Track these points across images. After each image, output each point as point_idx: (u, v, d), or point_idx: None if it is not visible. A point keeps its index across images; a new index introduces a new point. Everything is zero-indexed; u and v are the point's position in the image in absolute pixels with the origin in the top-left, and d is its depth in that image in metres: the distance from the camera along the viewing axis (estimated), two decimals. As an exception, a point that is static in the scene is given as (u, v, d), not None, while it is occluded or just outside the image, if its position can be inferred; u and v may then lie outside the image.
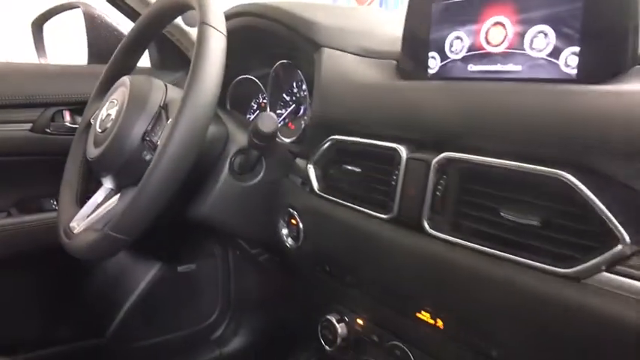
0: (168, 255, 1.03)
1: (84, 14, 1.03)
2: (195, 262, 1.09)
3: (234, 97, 0.88)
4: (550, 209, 0.34)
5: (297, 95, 0.77)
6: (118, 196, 0.59)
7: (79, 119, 0.94)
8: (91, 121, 0.71)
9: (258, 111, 0.87)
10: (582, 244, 0.32)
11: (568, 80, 0.39)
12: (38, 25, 1.11)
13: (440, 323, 0.41)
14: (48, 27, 1.15)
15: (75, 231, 0.59)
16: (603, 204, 0.31)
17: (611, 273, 0.31)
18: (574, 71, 0.39)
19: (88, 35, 1.03)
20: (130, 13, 0.98)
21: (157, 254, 1.00)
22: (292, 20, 0.64)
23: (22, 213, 0.92)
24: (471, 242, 0.38)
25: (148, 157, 0.54)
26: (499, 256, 0.35)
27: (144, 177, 0.48)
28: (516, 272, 0.34)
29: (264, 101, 0.84)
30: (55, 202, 0.94)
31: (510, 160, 0.36)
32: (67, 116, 0.92)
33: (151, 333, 1.03)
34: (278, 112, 0.81)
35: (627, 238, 0.30)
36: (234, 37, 0.56)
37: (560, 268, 0.32)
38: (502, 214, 0.36)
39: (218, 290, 1.12)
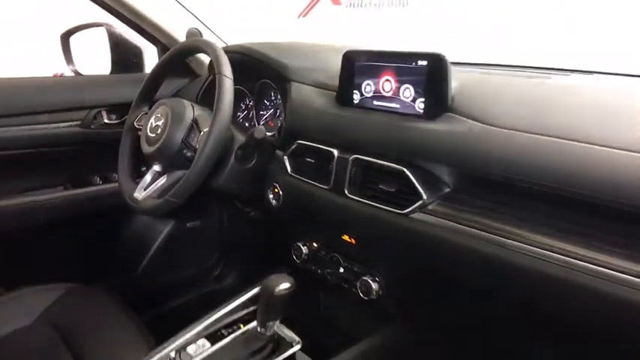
0: (180, 214, 1.38)
1: (107, 32, 1.33)
2: (199, 219, 1.45)
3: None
4: (399, 184, 0.72)
5: (274, 102, 1.12)
6: (164, 176, 0.95)
7: (112, 117, 1.27)
8: (135, 124, 1.05)
9: (245, 111, 1.21)
10: (410, 199, 0.70)
11: (418, 115, 0.76)
12: (65, 38, 1.40)
13: (353, 241, 0.79)
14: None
15: (139, 198, 0.94)
16: (416, 181, 0.69)
17: (421, 212, 0.69)
18: (421, 111, 0.76)
19: (111, 50, 1.34)
20: (138, 27, 1.28)
21: (173, 214, 1.36)
22: (270, 61, 0.99)
23: (74, 187, 1.26)
24: (366, 200, 0.75)
25: (189, 154, 0.90)
26: (377, 206, 0.73)
27: (192, 164, 0.83)
28: (384, 213, 0.72)
29: (251, 104, 1.19)
30: (98, 179, 1.28)
31: (383, 161, 0.74)
32: (104, 115, 1.25)
33: (169, 270, 1.39)
34: (261, 112, 1.16)
35: (425, 196, 0.68)
36: (231, 64, 0.89)
37: (401, 210, 0.71)
38: (380, 186, 0.74)
39: (216, 240, 1.49)
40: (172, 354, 0.77)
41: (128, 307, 1.03)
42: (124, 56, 1.33)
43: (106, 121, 1.24)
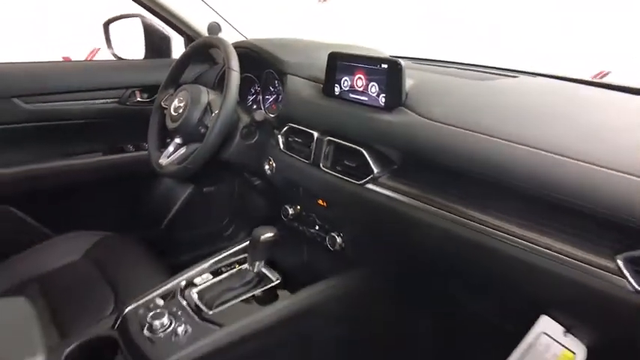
0: (198, 181, 1.62)
1: (142, 22, 1.56)
2: (214, 187, 1.68)
3: (240, 87, 1.43)
4: (358, 161, 0.93)
5: (277, 89, 1.33)
6: (184, 147, 1.18)
7: (144, 95, 1.51)
8: (162, 103, 1.28)
9: (254, 95, 1.42)
10: (365, 173, 0.91)
11: (381, 107, 0.96)
12: (106, 26, 1.63)
13: (325, 204, 1.01)
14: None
15: (163, 164, 1.18)
16: (370, 159, 0.89)
17: (372, 183, 0.90)
18: (383, 104, 0.95)
19: (145, 38, 1.57)
20: (167, 20, 1.50)
21: (192, 180, 1.60)
22: (271, 56, 1.20)
23: (111, 153, 1.52)
24: (335, 172, 0.96)
25: (203, 131, 1.12)
26: (342, 177, 0.94)
27: (205, 139, 1.06)
28: (347, 184, 0.93)
29: (259, 89, 1.40)
30: (131, 147, 1.54)
31: (348, 142, 0.94)
32: (138, 94, 1.49)
33: (187, 228, 1.65)
34: (266, 97, 1.37)
35: (375, 171, 0.89)
36: (240, 57, 1.11)
37: (359, 181, 0.92)
38: (345, 162, 0.95)
39: (228, 204, 1.73)
40: (183, 283, 1.02)
41: (153, 253, 1.28)
42: (156, 44, 1.55)
43: (138, 99, 1.48)
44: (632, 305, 0.57)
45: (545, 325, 0.67)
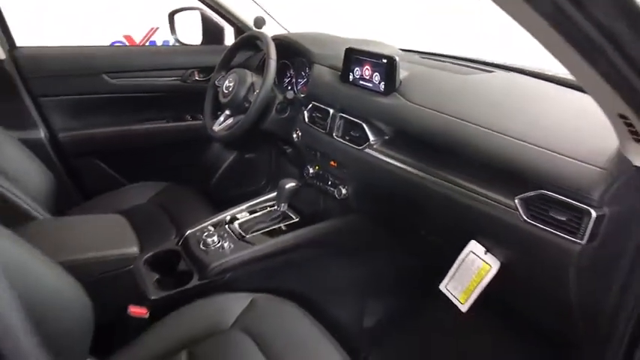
0: (241, 148, 1.97)
1: (200, 14, 1.90)
2: (254, 152, 2.03)
3: (277, 71, 1.76)
4: (361, 131, 1.23)
5: (307, 74, 1.64)
6: (232, 118, 1.52)
7: (201, 75, 1.86)
8: (216, 82, 1.62)
9: (289, 78, 1.74)
10: (364, 141, 1.22)
11: (381, 92, 1.25)
12: (171, 16, 1.98)
13: (335, 164, 1.33)
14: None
15: (216, 130, 1.53)
16: (368, 131, 1.20)
17: (369, 149, 1.21)
18: (382, 90, 1.25)
19: (203, 27, 1.91)
20: (221, 13, 1.84)
21: (236, 147, 1.94)
22: (302, 47, 1.51)
23: (174, 121, 1.89)
24: (343, 140, 1.27)
25: (247, 105, 1.46)
26: (348, 144, 1.25)
27: (248, 111, 1.39)
28: (351, 148, 1.24)
29: (293, 73, 1.71)
30: (189, 117, 1.90)
31: (352, 117, 1.25)
32: (196, 74, 1.85)
33: (231, 186, 2.00)
34: (299, 80, 1.69)
35: (371, 140, 1.20)
36: (278, 47, 1.43)
37: (359, 147, 1.23)
38: (350, 132, 1.26)
39: (265, 168, 2.07)
40: (228, 217, 1.38)
41: (205, 200, 1.65)
42: (211, 32, 1.90)
43: (196, 78, 1.84)
44: (523, 229, 0.87)
45: (473, 246, 0.98)
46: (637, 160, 0.74)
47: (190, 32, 1.96)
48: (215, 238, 1.23)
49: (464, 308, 1.00)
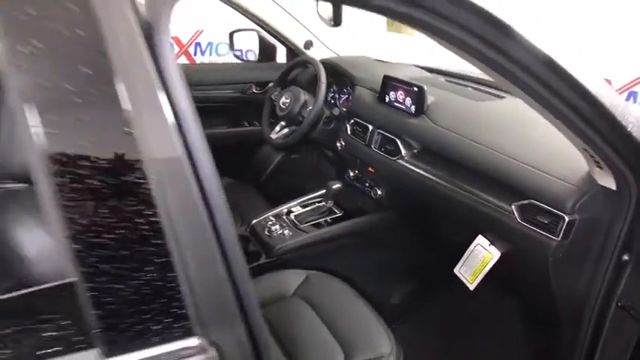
0: (288, 150, 2.29)
1: (257, 35, 2.22)
2: (298, 154, 2.35)
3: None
4: (394, 145, 1.54)
5: (348, 91, 1.95)
6: (287, 128, 1.84)
7: (258, 89, 2.19)
8: (273, 97, 1.95)
9: (335, 94, 2.04)
10: (397, 153, 1.52)
11: (412, 114, 1.55)
12: (231, 35, 2.30)
13: (373, 170, 1.65)
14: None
15: (273, 138, 1.85)
16: (401, 145, 1.51)
17: (401, 160, 1.52)
18: (413, 112, 1.55)
19: (259, 46, 2.23)
20: (274, 34, 2.16)
21: (284, 149, 2.26)
22: (345, 71, 1.82)
23: (233, 127, 2.23)
24: (380, 151, 1.58)
25: (300, 118, 1.78)
26: (384, 155, 1.56)
27: (302, 124, 1.72)
28: (386, 159, 1.55)
29: (336, 89, 2.02)
30: (247, 124, 2.24)
31: (391, 135, 1.56)
32: (253, 87, 2.18)
33: (279, 183, 2.33)
34: (342, 96, 2.00)
35: (402, 153, 1.51)
36: (325, 68, 1.74)
37: (393, 158, 1.53)
38: (387, 146, 1.57)
39: (308, 168, 2.37)
40: (285, 210, 1.71)
41: (260, 194, 1.98)
42: (266, 51, 2.22)
43: (253, 91, 2.17)
44: (517, 228, 1.17)
45: (480, 240, 1.28)
46: (600, 180, 1.04)
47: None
48: (277, 227, 1.56)
49: (472, 287, 1.31)
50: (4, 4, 0.45)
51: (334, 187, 1.63)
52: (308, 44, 2.10)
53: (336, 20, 1.46)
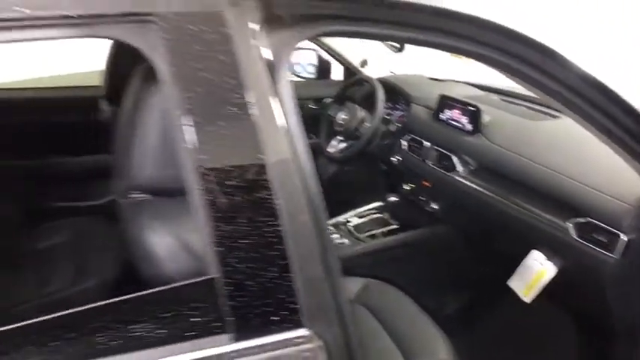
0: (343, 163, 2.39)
1: (316, 54, 2.35)
2: (352, 167, 2.45)
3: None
4: (449, 161, 1.62)
5: (403, 108, 2.03)
6: (344, 143, 1.95)
7: (314, 104, 2.31)
8: (330, 113, 2.06)
9: (390, 110, 2.13)
10: (453, 168, 1.60)
11: (468, 132, 1.63)
12: (290, 53, 2.44)
13: (429, 184, 1.73)
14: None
15: (331, 152, 1.96)
16: (457, 161, 1.59)
17: (456, 176, 1.59)
18: (470, 130, 1.62)
19: (318, 64, 2.36)
20: (331, 53, 2.28)
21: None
22: (400, 90, 1.92)
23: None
24: (435, 166, 1.67)
25: (357, 134, 1.88)
26: (439, 170, 1.64)
27: (359, 140, 1.82)
28: (442, 174, 1.63)
29: (391, 106, 2.11)
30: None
31: (444, 150, 1.64)
32: (311, 103, 2.30)
33: (333, 193, 2.44)
34: (397, 112, 2.08)
35: (458, 169, 1.58)
36: (383, 86, 1.85)
37: (448, 173, 1.61)
38: (443, 161, 1.65)
39: (361, 180, 2.47)
40: (342, 219, 1.81)
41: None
42: (323, 69, 2.34)
43: (310, 106, 2.29)
44: (574, 245, 1.22)
45: (535, 255, 1.34)
46: (657, 202, 1.08)
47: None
48: (337, 236, 1.66)
49: (527, 299, 1.36)
50: (175, 61, 0.58)
51: (391, 199, 1.72)
52: (363, 63, 2.21)
53: (401, 46, 1.56)
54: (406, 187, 1.85)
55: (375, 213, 1.85)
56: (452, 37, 0.71)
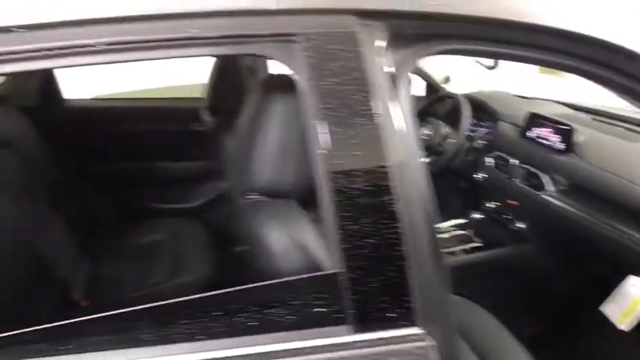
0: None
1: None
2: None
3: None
4: (537, 180, 1.59)
5: (488, 124, 2.02)
6: (427, 158, 1.97)
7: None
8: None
9: (474, 127, 2.12)
10: (542, 187, 1.58)
11: (559, 151, 1.59)
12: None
13: (516, 203, 1.70)
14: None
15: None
16: (549, 181, 1.56)
17: (545, 195, 1.56)
18: (563, 149, 1.59)
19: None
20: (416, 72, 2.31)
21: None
22: (488, 106, 1.91)
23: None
24: (522, 183, 1.65)
25: (440, 149, 1.90)
26: (527, 188, 1.62)
27: (443, 156, 1.84)
28: (530, 192, 1.61)
29: (475, 122, 2.10)
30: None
31: (535, 169, 1.61)
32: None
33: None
34: (482, 129, 2.07)
35: (547, 187, 1.55)
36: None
37: (537, 192, 1.59)
38: (531, 180, 1.63)
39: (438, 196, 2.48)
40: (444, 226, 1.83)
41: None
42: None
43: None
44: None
45: (632, 280, 1.28)
46: None
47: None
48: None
49: (622, 327, 1.31)
50: (314, 75, 0.65)
51: (475, 217, 1.72)
52: (446, 79, 2.23)
53: (495, 64, 1.58)
54: (490, 204, 1.84)
55: (457, 230, 1.85)
56: (573, 58, 0.74)
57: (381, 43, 0.70)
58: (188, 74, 2.46)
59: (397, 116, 0.70)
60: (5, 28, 0.61)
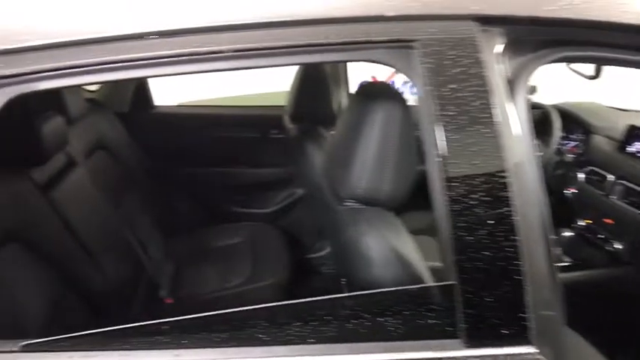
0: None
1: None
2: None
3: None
4: (639, 197, 1.48)
5: (578, 138, 1.91)
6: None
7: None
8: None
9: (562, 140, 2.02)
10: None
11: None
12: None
13: (612, 221, 1.59)
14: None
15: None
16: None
17: (650, 214, 1.44)
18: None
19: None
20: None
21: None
22: (581, 119, 1.80)
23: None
24: (623, 203, 1.53)
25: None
26: (629, 207, 1.51)
27: None
28: (629, 211, 1.49)
29: (564, 135, 1.99)
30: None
31: (637, 187, 1.50)
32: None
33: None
34: (569, 142, 1.96)
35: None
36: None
37: (637, 210, 1.47)
38: (631, 197, 1.51)
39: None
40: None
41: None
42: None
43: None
44: None
45: None
46: None
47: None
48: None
49: None
50: (432, 81, 0.64)
51: (566, 235, 1.62)
52: (532, 89, 2.13)
53: (597, 74, 1.50)
54: (582, 222, 1.72)
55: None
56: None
57: (500, 49, 0.68)
58: (267, 83, 2.53)
59: (515, 124, 0.67)
60: (138, 35, 0.65)
